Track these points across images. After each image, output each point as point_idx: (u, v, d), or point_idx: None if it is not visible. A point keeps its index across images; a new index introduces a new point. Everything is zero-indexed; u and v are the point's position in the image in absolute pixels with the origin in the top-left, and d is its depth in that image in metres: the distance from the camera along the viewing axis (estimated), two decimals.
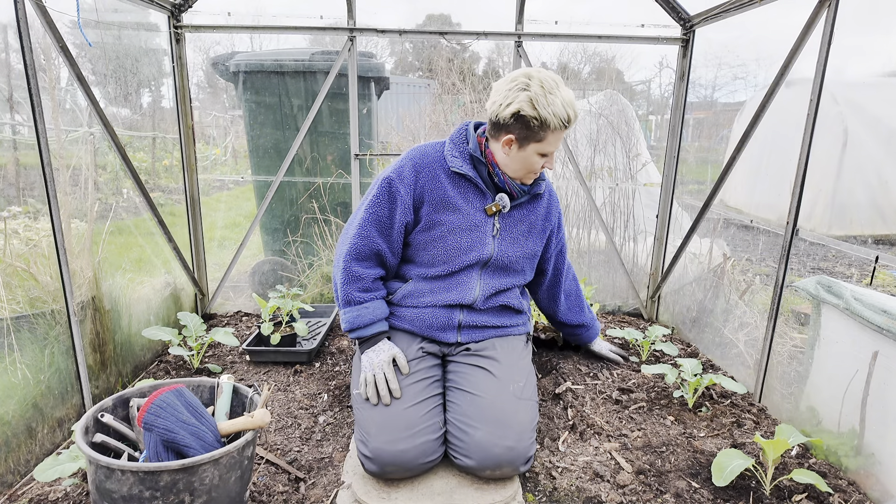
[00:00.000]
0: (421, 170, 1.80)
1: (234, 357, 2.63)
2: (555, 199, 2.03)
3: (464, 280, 1.86)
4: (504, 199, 1.85)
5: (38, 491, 1.64)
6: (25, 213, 2.13)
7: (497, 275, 1.92)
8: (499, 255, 1.87)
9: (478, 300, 1.88)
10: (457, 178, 1.82)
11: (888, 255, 1.95)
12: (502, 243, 1.87)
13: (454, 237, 1.82)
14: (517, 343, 1.97)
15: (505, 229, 1.88)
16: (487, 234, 1.85)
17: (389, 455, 1.58)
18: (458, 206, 1.82)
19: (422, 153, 1.83)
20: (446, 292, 1.86)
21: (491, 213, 1.85)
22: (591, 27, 2.84)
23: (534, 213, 1.95)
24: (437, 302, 1.86)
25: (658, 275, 3.17)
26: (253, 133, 3.27)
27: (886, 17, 5.41)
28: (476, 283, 1.88)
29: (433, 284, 1.87)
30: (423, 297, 1.88)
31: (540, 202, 1.96)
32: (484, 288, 1.88)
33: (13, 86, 2.07)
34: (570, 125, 1.70)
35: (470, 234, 1.83)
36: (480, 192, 1.84)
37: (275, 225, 3.40)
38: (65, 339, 1.94)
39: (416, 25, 2.91)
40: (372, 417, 1.66)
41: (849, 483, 1.71)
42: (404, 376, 1.77)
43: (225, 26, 2.79)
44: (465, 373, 1.80)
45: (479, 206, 1.84)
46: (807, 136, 1.98)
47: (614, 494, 1.66)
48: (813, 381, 1.99)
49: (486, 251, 1.85)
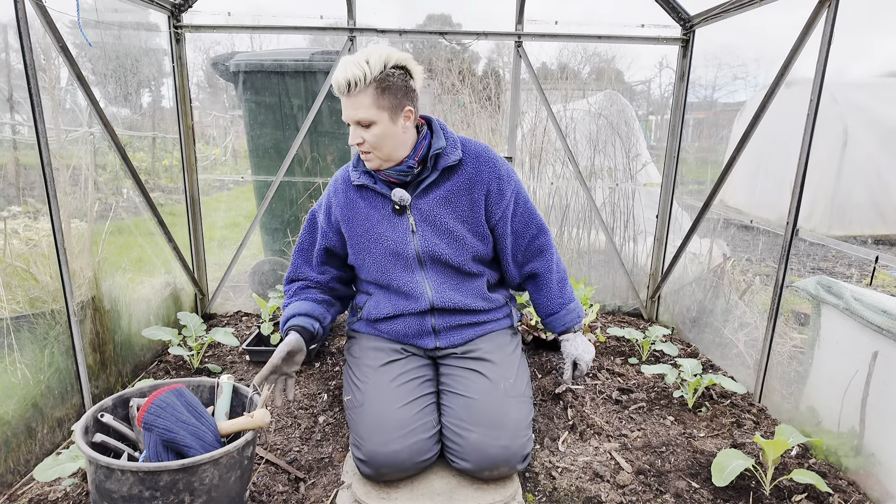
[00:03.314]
0: (333, 194, 1.87)
1: (233, 357, 2.63)
2: (486, 161, 1.79)
3: (410, 285, 1.82)
4: (399, 192, 1.76)
5: (37, 491, 1.64)
6: (25, 213, 2.13)
7: (442, 271, 1.83)
8: (424, 249, 1.79)
9: (436, 300, 1.82)
10: (362, 190, 1.82)
11: (888, 255, 1.95)
12: (423, 236, 1.78)
13: (376, 245, 1.81)
14: (503, 338, 1.92)
15: (423, 221, 1.78)
16: (406, 231, 1.78)
17: (383, 457, 1.58)
18: (369, 215, 1.81)
19: (336, 177, 1.91)
20: (403, 300, 1.84)
21: (400, 212, 1.78)
22: (590, 27, 2.84)
23: (453, 188, 1.77)
24: (401, 311, 1.84)
25: (658, 275, 3.17)
26: (253, 133, 3.27)
27: (886, 18, 5.40)
28: (423, 284, 1.83)
29: (388, 294, 1.87)
30: (386, 307, 1.86)
31: (459, 173, 1.77)
32: (435, 287, 1.83)
33: (13, 85, 2.07)
34: (344, 88, 1.59)
35: (389, 237, 1.79)
36: (381, 194, 1.79)
37: (275, 225, 3.40)
38: (65, 338, 1.94)
39: (417, 25, 2.91)
40: (363, 420, 1.66)
41: (849, 483, 1.71)
42: (394, 377, 1.76)
43: (225, 26, 2.79)
44: (456, 375, 1.80)
45: (387, 209, 1.80)
46: (807, 137, 1.98)
47: (614, 494, 1.66)
48: (813, 381, 1.99)
49: (408, 248, 1.79)
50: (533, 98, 3.51)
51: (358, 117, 1.62)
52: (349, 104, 1.62)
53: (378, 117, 1.62)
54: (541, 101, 2.98)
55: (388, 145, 1.66)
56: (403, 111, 1.65)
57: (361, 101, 1.60)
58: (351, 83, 1.57)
